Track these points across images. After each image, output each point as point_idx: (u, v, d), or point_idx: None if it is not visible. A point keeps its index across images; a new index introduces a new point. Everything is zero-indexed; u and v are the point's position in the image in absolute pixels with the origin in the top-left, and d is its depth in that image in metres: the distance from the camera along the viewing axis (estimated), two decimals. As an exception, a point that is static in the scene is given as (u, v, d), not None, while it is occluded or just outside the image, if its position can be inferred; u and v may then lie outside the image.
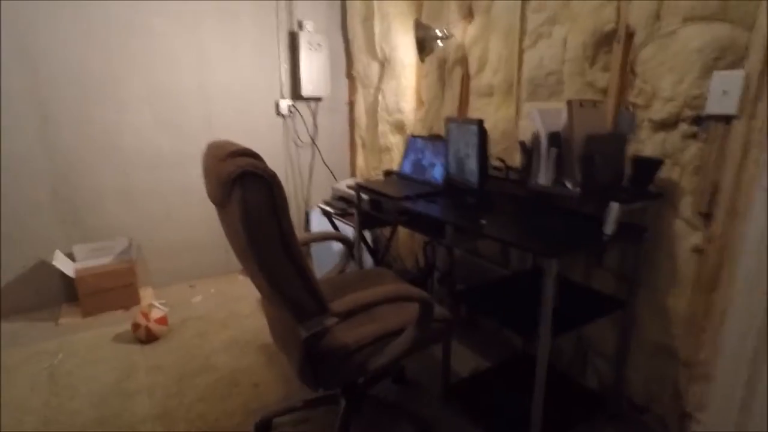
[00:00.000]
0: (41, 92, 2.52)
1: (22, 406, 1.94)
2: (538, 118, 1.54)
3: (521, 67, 1.93)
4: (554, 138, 1.44)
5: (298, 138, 3.28)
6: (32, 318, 2.67)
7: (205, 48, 2.86)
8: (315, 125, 3.31)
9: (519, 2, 1.89)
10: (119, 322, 2.60)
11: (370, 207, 2.24)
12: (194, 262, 3.15)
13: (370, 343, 1.41)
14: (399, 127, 2.86)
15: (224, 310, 2.75)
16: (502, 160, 2.02)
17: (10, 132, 2.49)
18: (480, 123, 1.68)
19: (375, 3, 2.84)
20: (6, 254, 2.63)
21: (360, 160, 3.39)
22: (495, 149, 2.12)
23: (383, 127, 3.00)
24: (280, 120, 3.19)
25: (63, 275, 2.70)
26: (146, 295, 2.91)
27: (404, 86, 2.75)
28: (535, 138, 1.55)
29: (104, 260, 2.82)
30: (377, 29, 2.85)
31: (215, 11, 2.84)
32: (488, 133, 1.93)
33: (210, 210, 3.11)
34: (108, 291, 2.72)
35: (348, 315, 1.28)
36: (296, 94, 3.18)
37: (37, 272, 2.72)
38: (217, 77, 2.93)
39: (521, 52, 1.92)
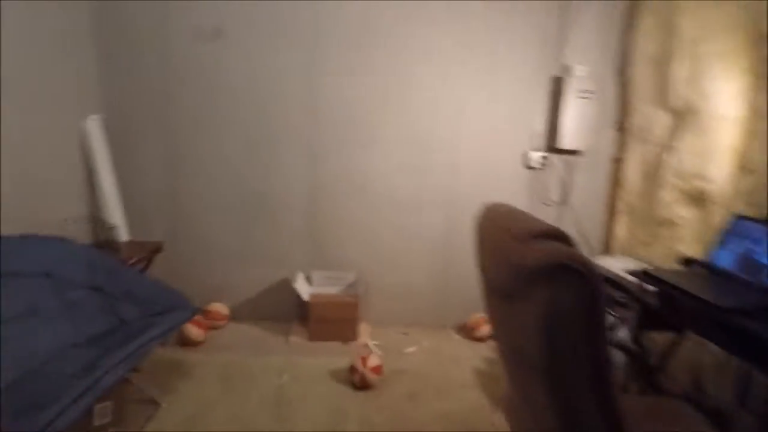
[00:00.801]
0: (313, 130, 2.78)
1: (249, 421, 2.01)
2: None
3: None
4: None
5: (546, 195, 2.87)
6: (268, 328, 2.90)
7: (462, 95, 2.76)
8: (568, 182, 2.85)
9: None
10: (338, 354, 2.59)
11: (659, 303, 1.66)
12: (410, 308, 3.02)
13: None
14: (697, 197, 2.17)
15: (438, 371, 2.48)
16: None
17: (285, 165, 2.81)
18: None
19: (682, 42, 2.26)
20: (260, 269, 2.95)
21: (621, 230, 2.76)
22: None
23: (668, 195, 2.34)
24: (527, 173, 2.85)
25: (298, 296, 2.86)
26: (363, 332, 2.88)
27: (715, 145, 2.07)
28: None
29: (335, 288, 2.92)
30: (681, 73, 2.26)
31: (478, 57, 2.72)
32: None
33: (435, 259, 2.95)
34: (333, 321, 2.77)
35: None
36: (551, 145, 2.80)
37: (280, 289, 2.97)
38: (468, 124, 2.79)
39: None
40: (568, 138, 2.70)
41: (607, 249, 2.88)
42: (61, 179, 2.45)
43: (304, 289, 2.82)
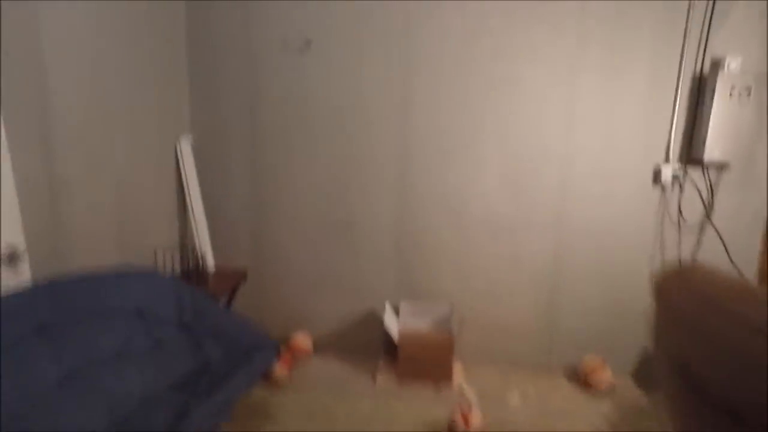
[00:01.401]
0: (403, 146, 2.52)
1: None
2: None
3: None
4: None
5: (681, 216, 2.36)
6: (353, 363, 2.68)
7: (576, 99, 2.35)
8: (710, 202, 2.32)
9: None
10: (431, 402, 2.31)
11: None
12: (510, 346, 2.65)
13: None
14: None
15: (550, 429, 2.10)
16: None
17: (373, 186, 2.58)
18: None
19: None
20: (345, 298, 2.75)
21: (788, 263, 2.19)
22: None
23: None
24: (657, 190, 2.37)
25: (385, 329, 2.62)
26: (457, 372, 2.56)
27: None
28: None
29: (425, 322, 2.64)
30: None
31: (599, 54, 2.29)
32: None
33: (540, 291, 2.56)
34: (425, 360, 2.49)
35: None
36: (690, 157, 2.29)
37: (366, 320, 2.75)
38: (583, 133, 2.37)
39: None
40: (713, 147, 2.18)
41: (760, 278, 2.29)
42: (156, 202, 2.44)
43: (392, 323, 2.57)
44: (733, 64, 2.14)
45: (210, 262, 2.61)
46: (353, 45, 2.46)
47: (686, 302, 0.81)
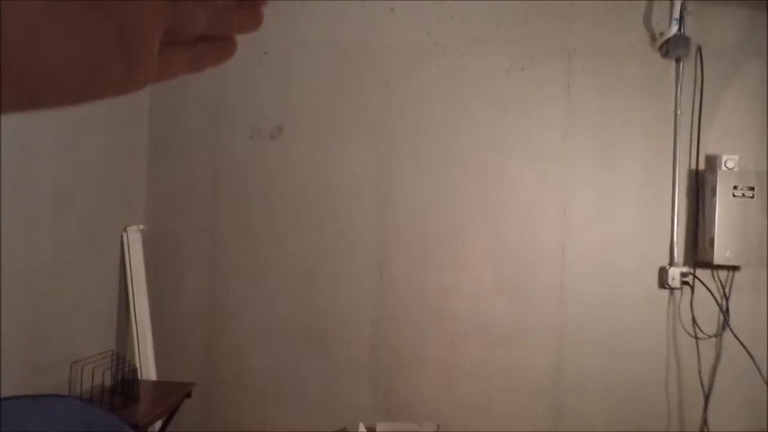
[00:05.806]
0: (382, 244, 2.27)
1: None
2: None
3: None
4: None
5: (696, 325, 2.11)
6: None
7: (570, 199, 2.20)
8: (725, 308, 2.09)
9: None
10: None
11: None
12: (510, 477, 2.21)
13: None
14: None
15: None
16: None
17: (348, 287, 2.28)
18: None
19: None
20: (312, 417, 2.30)
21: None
22: None
23: None
24: (664, 294, 2.14)
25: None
26: None
27: None
28: None
29: (406, 448, 2.20)
30: None
31: (590, 154, 2.19)
32: None
33: (542, 406, 2.20)
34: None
35: None
36: (695, 259, 2.11)
37: (337, 442, 2.30)
38: (579, 234, 2.19)
39: None
40: (723, 249, 2.00)
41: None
42: (87, 303, 2.03)
43: (367, 451, 2.13)
44: (729, 162, 2.03)
45: (151, 374, 2.16)
46: (327, 131, 2.29)
47: None
